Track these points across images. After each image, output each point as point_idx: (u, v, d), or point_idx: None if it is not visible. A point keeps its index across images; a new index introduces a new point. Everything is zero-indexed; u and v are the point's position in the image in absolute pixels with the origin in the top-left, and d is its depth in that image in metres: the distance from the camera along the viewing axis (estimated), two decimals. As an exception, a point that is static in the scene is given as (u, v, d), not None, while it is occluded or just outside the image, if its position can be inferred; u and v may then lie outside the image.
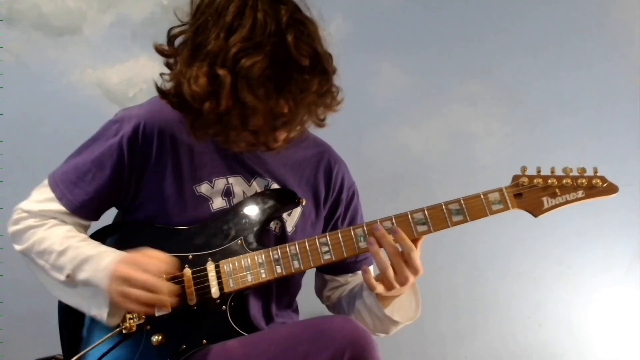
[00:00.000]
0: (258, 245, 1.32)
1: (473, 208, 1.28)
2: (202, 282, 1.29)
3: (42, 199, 1.33)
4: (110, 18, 2.33)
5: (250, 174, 1.39)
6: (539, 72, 2.41)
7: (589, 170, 1.29)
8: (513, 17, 2.42)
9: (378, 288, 1.28)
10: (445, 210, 1.29)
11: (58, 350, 1.36)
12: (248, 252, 1.31)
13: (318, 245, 1.30)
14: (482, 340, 2.40)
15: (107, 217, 1.43)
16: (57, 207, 1.32)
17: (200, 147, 1.34)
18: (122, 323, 1.27)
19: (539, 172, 1.30)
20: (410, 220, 1.29)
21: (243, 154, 1.37)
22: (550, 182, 1.29)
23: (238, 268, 1.30)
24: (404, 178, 2.39)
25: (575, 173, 1.29)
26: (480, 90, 2.43)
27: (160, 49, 1.27)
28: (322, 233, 1.37)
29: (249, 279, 1.29)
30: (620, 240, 2.36)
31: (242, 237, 1.32)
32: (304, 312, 1.51)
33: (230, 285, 1.29)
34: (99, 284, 1.22)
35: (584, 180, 1.28)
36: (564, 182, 1.29)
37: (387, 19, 2.42)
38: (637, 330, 2.34)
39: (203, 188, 1.36)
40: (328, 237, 1.30)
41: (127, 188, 1.34)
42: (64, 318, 1.35)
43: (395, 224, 1.28)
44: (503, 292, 2.39)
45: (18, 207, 1.35)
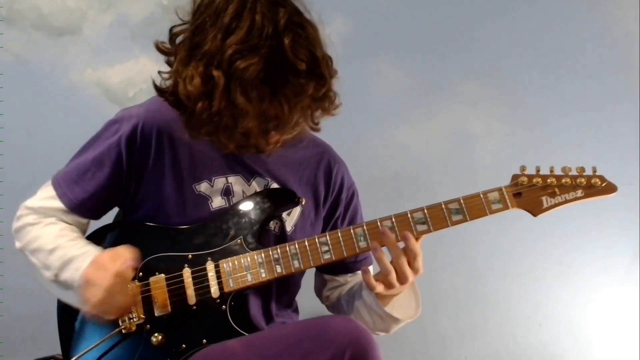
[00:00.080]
0: (258, 245, 1.32)
1: (473, 207, 1.28)
2: (201, 281, 1.29)
3: (44, 197, 1.36)
4: (110, 18, 2.33)
5: (250, 174, 1.39)
6: (539, 72, 2.41)
7: (588, 170, 1.30)
8: (513, 17, 2.42)
9: (378, 288, 1.28)
10: (445, 210, 1.29)
11: (58, 350, 1.36)
12: (248, 251, 1.31)
13: (318, 245, 1.30)
14: (482, 340, 2.40)
15: (107, 217, 1.43)
16: (57, 204, 1.34)
17: (200, 146, 1.34)
18: (121, 323, 1.28)
19: (538, 171, 1.31)
20: (410, 220, 1.29)
21: (243, 154, 1.37)
22: (550, 181, 1.29)
23: (238, 268, 1.30)
24: (404, 178, 2.39)
25: (574, 172, 1.30)
26: (480, 90, 2.43)
27: (160, 47, 1.27)
28: (321, 233, 1.37)
29: (249, 279, 1.29)
30: (620, 240, 2.36)
31: (241, 236, 1.32)
32: (304, 312, 1.51)
33: (230, 285, 1.29)
34: (77, 285, 1.24)
35: (583, 180, 1.28)
36: (563, 181, 1.29)
37: (387, 19, 2.42)
38: (637, 330, 2.34)
39: (202, 187, 1.36)
40: (328, 236, 1.30)
41: (126, 187, 1.35)
42: (63, 318, 1.35)
43: (395, 224, 1.29)
44: (503, 292, 2.39)
45: (23, 204, 1.37)
